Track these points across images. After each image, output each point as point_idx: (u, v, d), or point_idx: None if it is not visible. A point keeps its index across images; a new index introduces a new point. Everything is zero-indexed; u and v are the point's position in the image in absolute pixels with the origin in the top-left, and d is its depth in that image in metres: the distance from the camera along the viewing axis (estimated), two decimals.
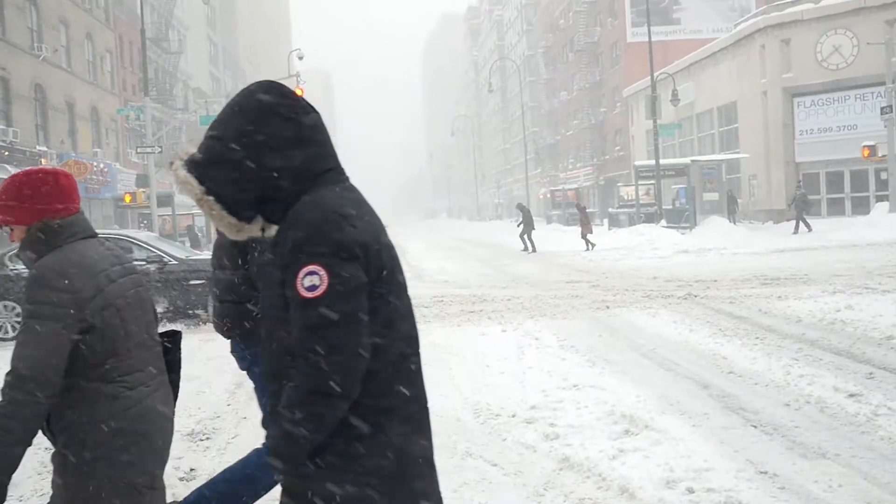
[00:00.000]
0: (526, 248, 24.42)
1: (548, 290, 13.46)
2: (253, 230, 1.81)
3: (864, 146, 24.99)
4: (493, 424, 5.30)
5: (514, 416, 5.39)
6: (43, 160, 28.06)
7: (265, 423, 2.62)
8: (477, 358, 7.54)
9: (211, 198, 1.76)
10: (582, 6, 59.99)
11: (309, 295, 1.64)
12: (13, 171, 25.36)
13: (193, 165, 1.77)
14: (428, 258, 24.33)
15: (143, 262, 11.18)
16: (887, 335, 7.69)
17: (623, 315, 10.06)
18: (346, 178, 1.87)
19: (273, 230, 1.79)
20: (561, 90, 69.72)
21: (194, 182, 1.75)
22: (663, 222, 27.22)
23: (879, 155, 24.79)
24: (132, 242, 12.02)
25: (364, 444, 1.72)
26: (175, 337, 2.61)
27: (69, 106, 31.98)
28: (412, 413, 1.82)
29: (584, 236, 23.86)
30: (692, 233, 24.79)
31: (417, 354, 1.87)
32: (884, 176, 26.72)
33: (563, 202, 46.40)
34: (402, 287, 1.87)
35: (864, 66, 29.05)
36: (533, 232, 24.85)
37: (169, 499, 4.27)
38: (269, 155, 1.75)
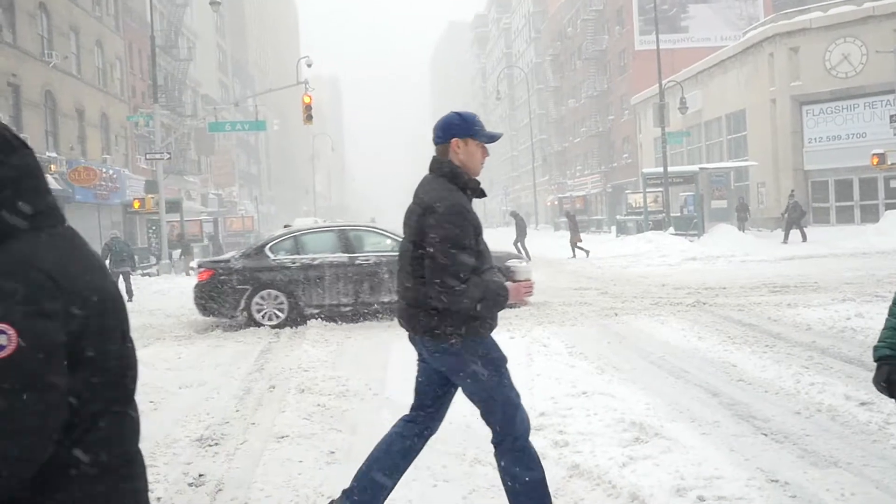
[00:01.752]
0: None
1: (556, 296, 13.43)
2: None
3: (874, 154, 24.90)
4: None
5: None
6: (52, 166, 28.20)
7: None
8: None
9: None
10: (590, 14, 60.07)
11: None
12: None
13: None
14: None
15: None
16: None
17: (632, 322, 10.03)
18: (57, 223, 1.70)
19: None
20: (569, 98, 69.76)
21: None
22: (671, 229, 27.17)
23: (889, 163, 24.71)
24: (383, 234, 12.31)
25: None
26: None
27: (79, 112, 32.14)
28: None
29: (573, 244, 24.05)
30: (700, 240, 24.74)
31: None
32: (893, 184, 26.67)
33: (571, 209, 46.40)
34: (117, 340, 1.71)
35: (873, 75, 28.98)
36: (525, 239, 24.95)
37: None
38: None
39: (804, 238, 24.21)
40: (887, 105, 27.80)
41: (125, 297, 15.50)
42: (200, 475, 4.80)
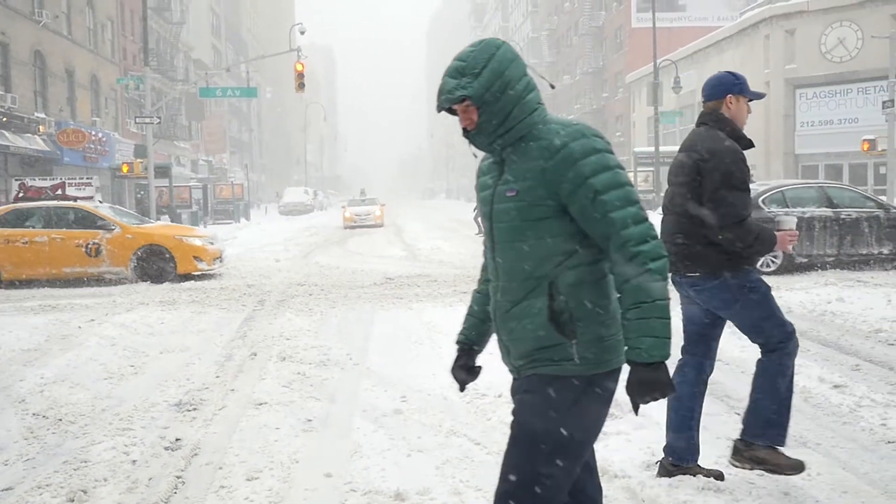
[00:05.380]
0: (480, 231, 24.36)
1: None
2: None
3: (865, 140, 24.94)
4: (479, 404, 5.32)
5: (500, 396, 5.41)
6: (41, 127, 27.95)
7: None
8: None
9: None
10: None
11: None
12: (11, 137, 25.27)
13: None
14: (424, 238, 24.33)
15: (873, 209, 12.77)
16: (875, 328, 7.73)
17: None
18: None
19: None
20: (564, 74, 69.41)
21: None
22: (660, 209, 27.23)
23: (879, 149, 24.76)
24: (858, 192, 13.48)
25: None
26: None
27: (69, 73, 31.80)
28: None
29: None
30: None
31: None
32: (883, 170, 26.72)
33: None
34: None
35: (867, 60, 28.94)
36: None
37: (157, 469, 4.31)
38: None
39: None
40: (881, 91, 27.77)
41: None
42: (177, 439, 4.83)
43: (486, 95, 2.14)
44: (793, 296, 9.84)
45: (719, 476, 3.83)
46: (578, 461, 2.22)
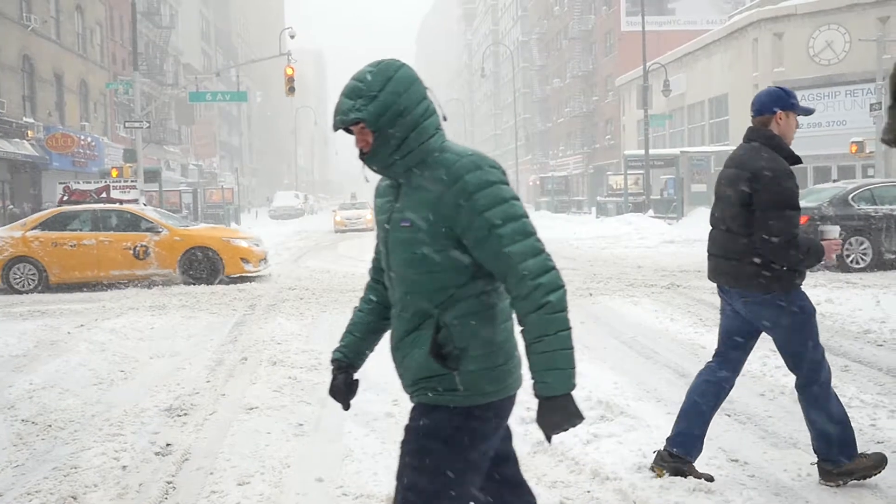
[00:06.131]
0: None
1: None
2: None
3: (853, 142, 25.10)
4: None
5: None
6: (30, 132, 27.82)
7: None
8: None
9: None
10: None
11: None
12: (0, 142, 25.16)
13: None
14: None
15: None
16: (864, 329, 7.77)
17: (606, 303, 10.11)
18: None
19: None
20: (554, 77, 69.58)
21: None
22: (651, 212, 27.31)
23: (867, 151, 24.92)
24: None
25: None
26: None
27: (57, 78, 31.67)
28: None
29: None
30: (679, 223, 24.88)
31: None
32: (871, 172, 26.86)
33: (553, 189, 46.54)
34: None
35: (855, 63, 29.13)
36: None
37: (147, 475, 4.29)
38: None
39: None
40: (868, 93, 27.95)
41: None
42: (168, 445, 4.81)
43: (382, 120, 2.10)
44: None
45: (710, 479, 3.84)
46: (468, 488, 2.19)
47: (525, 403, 5.20)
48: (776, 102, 3.77)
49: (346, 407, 2.54)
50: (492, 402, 2.17)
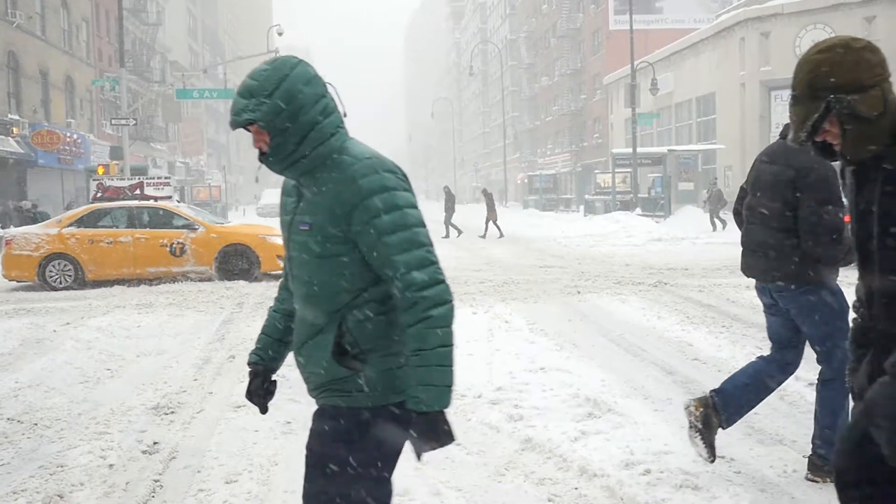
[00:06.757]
0: (447, 235, 24.54)
1: (521, 273, 13.52)
2: None
3: None
4: (458, 405, 5.32)
5: (479, 396, 5.43)
6: (15, 129, 27.61)
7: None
8: None
9: None
10: None
11: None
12: None
13: None
14: None
15: None
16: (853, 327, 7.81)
17: (594, 300, 10.14)
18: None
19: None
20: (542, 75, 69.67)
21: None
22: (638, 210, 27.37)
23: None
24: None
25: None
26: None
27: (43, 75, 31.45)
28: None
29: (488, 221, 24.46)
30: (666, 221, 24.96)
31: None
32: None
33: (541, 188, 46.61)
34: None
35: None
36: (454, 216, 25.20)
37: (135, 474, 4.27)
38: None
39: (718, 227, 23.21)
40: None
41: None
42: (155, 443, 4.79)
43: (276, 120, 2.04)
44: None
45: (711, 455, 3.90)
46: (380, 489, 2.16)
47: (513, 401, 5.24)
48: None
49: (263, 410, 2.45)
50: (399, 402, 2.10)
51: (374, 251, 2.03)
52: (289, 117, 2.04)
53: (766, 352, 6.61)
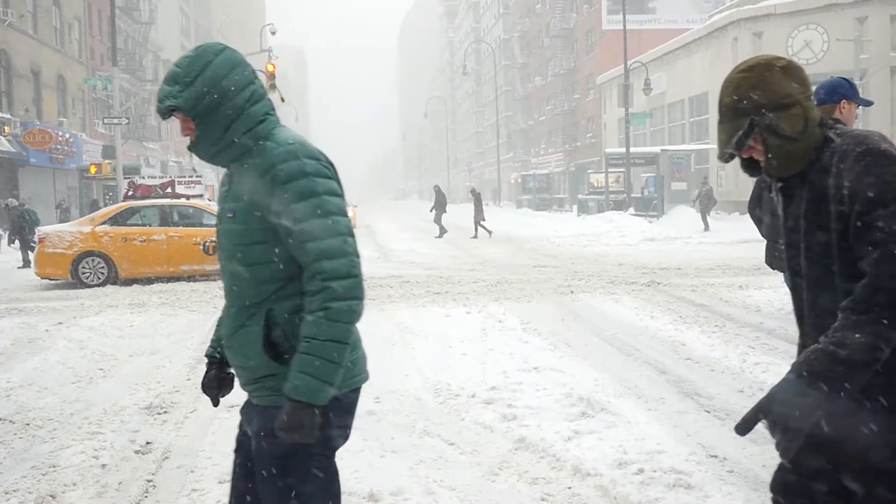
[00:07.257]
0: (441, 234, 24.53)
1: (514, 273, 13.53)
2: None
3: None
4: (452, 404, 5.33)
5: (473, 396, 5.43)
6: (6, 128, 27.50)
7: None
8: (440, 339, 7.57)
9: None
10: None
11: None
12: None
13: None
14: (396, 239, 24.30)
15: None
16: None
17: (587, 300, 10.15)
18: None
19: None
20: (535, 75, 69.73)
21: None
22: (631, 210, 27.43)
23: None
24: None
25: None
26: None
27: (34, 73, 31.32)
28: None
29: (476, 222, 24.44)
30: (659, 221, 25.01)
31: None
32: None
33: (535, 187, 46.67)
34: None
35: (833, 62, 29.38)
36: (444, 216, 25.20)
37: (127, 474, 4.26)
38: None
39: (706, 227, 22.99)
40: None
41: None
42: (148, 443, 4.78)
43: (199, 107, 1.99)
44: (761, 294, 9.97)
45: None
46: (328, 487, 2.13)
47: (507, 401, 5.24)
48: (842, 93, 3.91)
49: (216, 403, 2.39)
50: (335, 397, 2.01)
51: (290, 237, 1.98)
52: (212, 104, 2.00)
53: (759, 351, 6.65)
